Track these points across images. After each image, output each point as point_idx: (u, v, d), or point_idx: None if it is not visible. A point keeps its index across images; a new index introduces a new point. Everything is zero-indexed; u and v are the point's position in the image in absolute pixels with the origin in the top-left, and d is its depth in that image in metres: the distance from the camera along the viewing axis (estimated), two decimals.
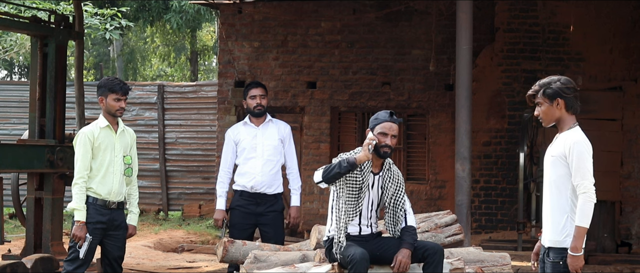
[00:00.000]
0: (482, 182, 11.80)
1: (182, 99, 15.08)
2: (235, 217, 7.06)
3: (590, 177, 4.53)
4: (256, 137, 7.14)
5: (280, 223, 7.13)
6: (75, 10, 10.05)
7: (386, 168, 5.55)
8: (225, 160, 7.24)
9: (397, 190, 5.53)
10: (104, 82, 6.18)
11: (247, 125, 7.21)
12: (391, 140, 5.44)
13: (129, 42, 27.44)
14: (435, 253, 5.36)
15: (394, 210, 5.53)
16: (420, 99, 12.25)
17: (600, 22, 11.46)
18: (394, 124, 5.46)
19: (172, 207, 15.15)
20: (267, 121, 7.21)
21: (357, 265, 5.16)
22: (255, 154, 7.10)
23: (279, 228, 7.08)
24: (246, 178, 7.08)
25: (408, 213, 5.56)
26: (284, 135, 7.23)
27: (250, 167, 7.09)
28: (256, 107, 7.12)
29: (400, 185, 5.56)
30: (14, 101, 15.54)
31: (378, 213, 5.62)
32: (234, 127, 7.33)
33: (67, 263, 6.03)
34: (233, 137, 7.23)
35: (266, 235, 7.00)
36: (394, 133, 5.46)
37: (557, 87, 4.64)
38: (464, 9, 7.91)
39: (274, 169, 7.11)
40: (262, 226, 7.07)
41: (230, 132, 7.30)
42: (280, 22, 12.60)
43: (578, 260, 4.48)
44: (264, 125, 7.19)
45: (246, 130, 7.19)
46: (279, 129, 7.23)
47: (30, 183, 8.80)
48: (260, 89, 7.19)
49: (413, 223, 5.54)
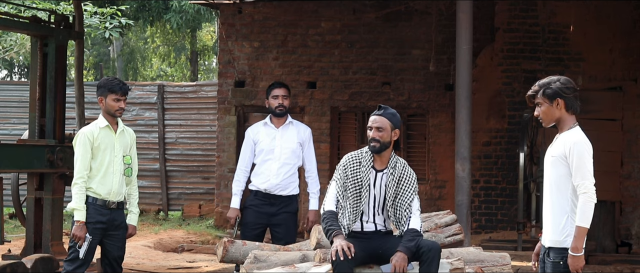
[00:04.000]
0: (482, 182, 11.80)
1: (182, 99, 15.08)
2: (248, 216, 7.05)
3: (591, 177, 4.52)
4: (275, 139, 7.09)
5: (293, 225, 7.10)
6: (75, 10, 10.05)
7: (391, 166, 5.53)
8: (243, 159, 7.21)
9: (403, 190, 5.50)
10: (103, 82, 6.18)
11: (267, 126, 7.16)
12: (375, 133, 5.43)
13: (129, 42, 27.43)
14: (429, 251, 5.32)
15: (397, 209, 5.50)
16: (420, 99, 12.25)
17: (600, 22, 11.46)
18: (377, 117, 5.46)
19: (172, 207, 15.14)
20: (288, 123, 7.16)
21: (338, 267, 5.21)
22: (273, 156, 7.06)
23: (291, 229, 7.05)
24: (261, 179, 7.06)
25: (413, 215, 5.51)
26: (304, 138, 7.17)
27: (266, 168, 7.06)
28: (278, 107, 7.07)
29: (406, 185, 5.51)
30: (14, 101, 15.53)
31: (384, 211, 5.58)
32: (254, 126, 7.27)
33: (67, 263, 6.03)
34: (253, 136, 7.18)
35: (277, 235, 6.98)
36: (377, 125, 5.44)
37: (557, 87, 4.64)
38: (464, 9, 7.91)
39: (290, 172, 7.07)
40: (274, 226, 7.05)
41: (250, 131, 7.26)
42: (280, 22, 12.59)
43: (579, 260, 4.48)
44: (284, 127, 7.14)
45: (266, 131, 7.14)
46: (299, 131, 7.18)
47: (30, 183, 8.80)
48: (283, 89, 7.13)
49: (416, 227, 5.47)
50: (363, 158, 5.51)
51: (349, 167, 5.51)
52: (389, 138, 5.47)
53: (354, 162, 5.52)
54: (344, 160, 5.56)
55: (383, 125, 5.45)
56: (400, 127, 5.56)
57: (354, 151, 5.61)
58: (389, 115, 5.48)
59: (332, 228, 5.36)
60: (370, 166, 5.48)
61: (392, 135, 5.49)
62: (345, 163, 5.54)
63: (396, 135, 5.51)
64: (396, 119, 5.51)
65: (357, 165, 5.50)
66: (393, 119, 5.48)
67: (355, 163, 5.52)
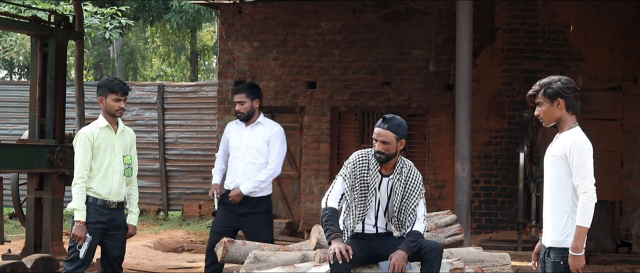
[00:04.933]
0: (482, 182, 11.79)
1: (182, 99, 15.08)
2: (220, 211, 7.10)
3: (591, 177, 4.52)
4: (242, 138, 7.14)
5: (265, 225, 7.06)
6: (75, 10, 10.05)
7: (397, 172, 5.53)
8: (219, 151, 7.38)
9: (408, 194, 5.49)
10: (103, 82, 6.18)
11: (238, 124, 7.26)
12: (380, 146, 5.41)
13: (129, 42, 27.43)
14: (431, 251, 5.32)
15: (402, 213, 5.50)
16: (420, 99, 12.25)
17: (600, 22, 11.45)
18: (382, 129, 5.42)
19: (172, 207, 15.15)
20: (256, 123, 7.18)
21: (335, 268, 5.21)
22: (239, 155, 7.11)
23: (264, 230, 7.02)
24: (230, 179, 7.15)
25: (418, 219, 5.49)
26: (271, 135, 7.15)
27: (233, 168, 7.15)
28: (237, 113, 7.21)
29: (412, 190, 5.49)
30: (14, 101, 15.54)
31: (386, 214, 5.57)
32: (230, 124, 7.41)
33: (67, 263, 6.03)
34: (226, 133, 7.33)
35: (249, 236, 6.95)
36: (382, 138, 5.41)
37: (557, 87, 4.63)
38: (464, 9, 7.91)
39: (257, 172, 7.07)
40: (244, 228, 7.05)
41: (227, 127, 7.41)
42: (280, 22, 12.59)
43: (579, 260, 4.48)
44: (252, 127, 7.17)
45: (236, 129, 7.24)
46: (266, 130, 7.16)
47: (30, 183, 8.79)
48: (241, 96, 7.16)
49: (420, 230, 5.47)
50: (371, 162, 5.50)
51: (358, 167, 5.49)
52: (395, 149, 5.45)
53: (363, 164, 5.50)
54: (353, 159, 5.54)
55: (387, 138, 5.42)
56: (407, 135, 5.51)
57: (363, 150, 5.58)
58: (394, 127, 5.43)
59: (331, 230, 5.35)
60: (377, 170, 5.48)
61: (398, 145, 5.46)
62: (355, 162, 5.51)
63: (402, 144, 5.48)
64: (401, 129, 5.45)
65: (366, 168, 5.48)
66: (398, 130, 5.44)
67: (364, 165, 5.49)
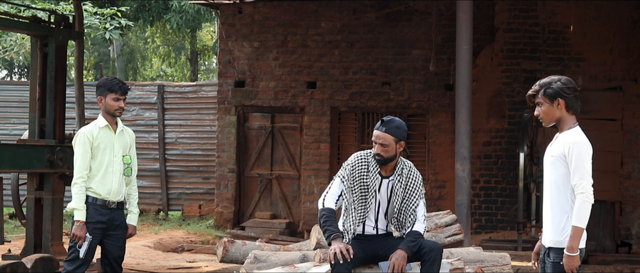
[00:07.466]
0: (482, 182, 11.79)
1: (182, 99, 15.08)
2: None
3: (589, 178, 4.52)
4: None
5: None
6: (75, 10, 10.05)
7: (397, 173, 5.51)
8: None
9: (408, 196, 5.48)
10: (103, 82, 6.17)
11: None
12: (379, 149, 5.39)
13: (129, 42, 27.44)
14: (431, 251, 5.31)
15: (402, 215, 5.49)
16: (420, 99, 12.25)
17: (600, 22, 11.46)
18: (380, 132, 5.39)
19: (172, 207, 15.14)
20: None
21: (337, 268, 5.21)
22: None
23: None
24: None
25: (418, 220, 5.48)
26: None
27: None
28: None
29: (412, 191, 5.48)
30: (14, 101, 15.53)
31: (386, 215, 5.55)
32: None
33: (67, 263, 6.02)
34: None
35: None
36: (381, 141, 5.38)
37: (557, 87, 4.63)
38: (464, 9, 7.92)
39: None
40: None
41: None
42: (280, 22, 12.60)
43: (574, 260, 4.47)
44: None
45: None
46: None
47: (30, 183, 8.79)
48: None
49: (420, 230, 5.46)
50: (370, 164, 5.48)
51: (357, 169, 5.47)
52: (394, 151, 5.43)
53: (362, 165, 5.48)
54: (351, 160, 5.52)
55: (386, 141, 5.39)
56: (406, 136, 5.49)
57: (362, 152, 5.56)
58: (393, 130, 5.40)
59: (330, 230, 5.35)
60: (376, 172, 5.46)
61: (397, 147, 5.43)
62: (353, 164, 5.49)
63: (401, 147, 5.45)
64: (400, 132, 5.42)
65: (365, 170, 5.46)
66: (397, 133, 5.40)
67: (363, 167, 5.47)
